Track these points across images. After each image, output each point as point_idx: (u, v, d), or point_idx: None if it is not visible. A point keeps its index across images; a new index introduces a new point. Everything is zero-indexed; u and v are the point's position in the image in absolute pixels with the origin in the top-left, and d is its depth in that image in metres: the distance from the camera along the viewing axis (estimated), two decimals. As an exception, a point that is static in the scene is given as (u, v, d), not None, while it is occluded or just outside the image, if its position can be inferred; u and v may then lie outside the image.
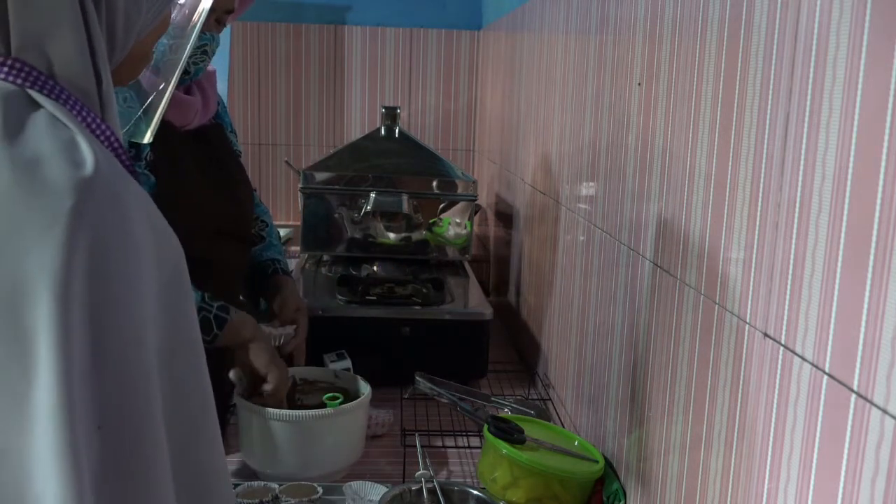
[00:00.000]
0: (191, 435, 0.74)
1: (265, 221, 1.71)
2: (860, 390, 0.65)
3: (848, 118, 0.68)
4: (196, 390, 0.75)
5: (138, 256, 0.66)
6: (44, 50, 0.68)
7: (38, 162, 0.62)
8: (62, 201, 0.61)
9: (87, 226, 0.61)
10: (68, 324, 0.59)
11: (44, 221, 0.60)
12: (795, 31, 0.77)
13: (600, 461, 1.30)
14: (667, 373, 1.08)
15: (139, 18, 0.74)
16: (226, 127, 1.61)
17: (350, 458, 1.41)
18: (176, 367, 0.71)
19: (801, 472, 0.74)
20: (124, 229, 0.65)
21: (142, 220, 0.68)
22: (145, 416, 0.66)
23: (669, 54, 1.10)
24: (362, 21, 3.35)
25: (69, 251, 0.60)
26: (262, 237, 1.69)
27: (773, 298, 0.80)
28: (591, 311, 1.48)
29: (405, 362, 1.70)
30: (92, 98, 0.70)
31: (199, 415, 0.76)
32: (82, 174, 0.62)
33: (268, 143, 3.36)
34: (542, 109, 1.95)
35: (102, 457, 0.62)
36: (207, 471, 0.77)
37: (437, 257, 2.18)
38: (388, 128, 2.28)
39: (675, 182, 1.06)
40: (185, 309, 0.74)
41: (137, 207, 0.68)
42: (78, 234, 0.61)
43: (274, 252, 1.68)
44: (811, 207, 0.73)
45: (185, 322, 0.74)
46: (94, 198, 0.63)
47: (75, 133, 0.65)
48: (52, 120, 0.65)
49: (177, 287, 0.72)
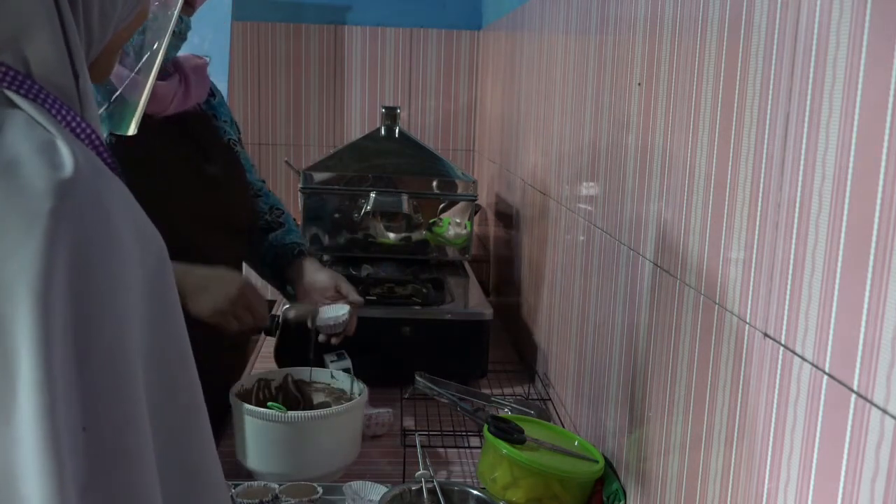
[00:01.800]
0: (180, 433, 0.73)
1: (280, 209, 1.71)
2: (860, 390, 0.65)
3: (848, 118, 0.68)
4: (185, 388, 0.75)
5: (122, 256, 0.65)
6: (20, 49, 0.67)
7: (16, 164, 0.62)
8: (41, 203, 0.60)
9: (68, 227, 0.61)
10: (50, 325, 0.59)
11: (23, 225, 0.59)
12: (795, 31, 0.77)
13: (600, 461, 1.30)
14: (667, 373, 1.08)
15: (115, 13, 0.74)
16: (219, 117, 1.61)
17: (346, 460, 1.40)
18: (163, 366, 0.71)
19: (801, 472, 0.74)
20: (107, 229, 0.64)
21: (125, 219, 0.67)
22: (131, 416, 0.65)
23: (669, 54, 1.10)
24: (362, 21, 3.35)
25: (49, 253, 0.59)
26: (281, 223, 1.70)
27: (773, 298, 0.80)
28: (591, 311, 1.48)
29: (405, 362, 1.70)
30: (71, 96, 0.69)
31: (188, 413, 0.75)
32: (61, 176, 0.62)
33: (268, 143, 3.36)
34: (542, 109, 1.95)
35: (88, 459, 0.61)
36: (198, 470, 0.76)
37: (437, 257, 2.18)
38: (388, 128, 2.28)
39: (675, 182, 1.06)
40: (170, 305, 0.73)
41: (120, 206, 0.67)
42: (58, 236, 0.60)
43: (294, 236, 1.69)
44: (811, 207, 0.73)
45: (172, 319, 0.73)
46: (75, 199, 0.62)
47: (54, 135, 0.64)
48: (30, 122, 0.65)
49: (161, 283, 0.72)
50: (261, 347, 2.03)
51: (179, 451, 0.73)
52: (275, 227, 1.69)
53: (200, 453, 0.77)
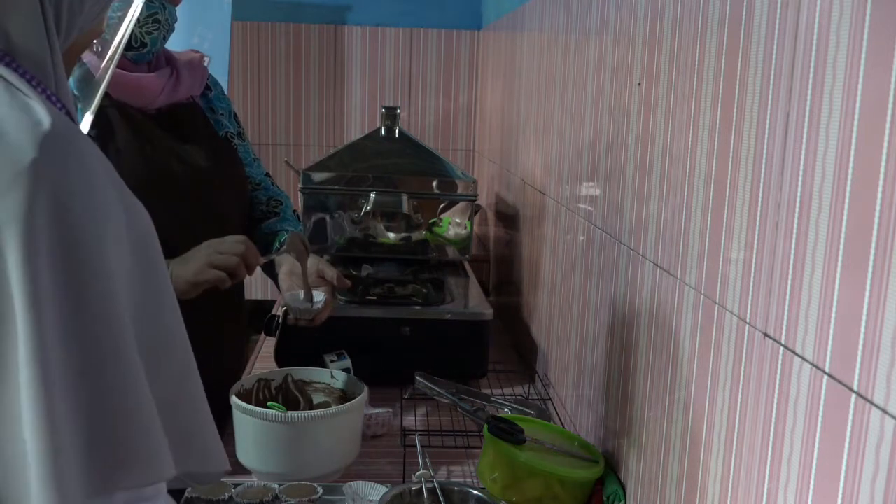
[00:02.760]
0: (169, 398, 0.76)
1: (279, 200, 1.71)
2: (860, 390, 0.65)
3: (848, 118, 0.68)
4: (178, 357, 0.78)
5: (105, 200, 0.69)
6: (2, 24, 0.71)
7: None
8: (23, 155, 0.64)
9: (49, 175, 0.65)
10: (36, 267, 0.63)
11: (6, 175, 0.64)
12: (795, 31, 0.77)
13: (600, 461, 1.30)
14: (667, 373, 1.08)
15: (82, 12, 0.78)
16: (216, 110, 1.61)
17: (345, 460, 1.40)
18: (155, 320, 0.75)
19: (801, 472, 0.74)
20: (87, 177, 0.68)
21: (105, 172, 0.71)
22: (121, 353, 0.69)
23: (669, 54, 1.10)
24: (362, 21, 3.35)
25: (33, 198, 0.63)
26: (276, 213, 1.70)
27: (773, 298, 0.80)
28: (591, 311, 1.48)
29: (405, 362, 1.70)
30: (47, 73, 0.74)
31: (177, 375, 0.78)
32: (41, 129, 0.66)
33: (268, 143, 3.36)
34: (542, 109, 1.95)
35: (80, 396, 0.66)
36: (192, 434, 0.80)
37: (437, 257, 2.18)
38: (388, 128, 2.28)
39: (675, 182, 1.06)
40: (158, 267, 0.77)
41: (99, 162, 0.71)
42: (41, 183, 0.64)
43: (288, 224, 1.68)
44: (811, 207, 0.73)
45: (160, 278, 0.77)
46: (55, 149, 0.66)
47: (30, 98, 0.69)
48: (8, 86, 0.69)
49: (148, 245, 0.75)
50: (261, 347, 2.03)
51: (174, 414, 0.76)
52: (270, 216, 1.69)
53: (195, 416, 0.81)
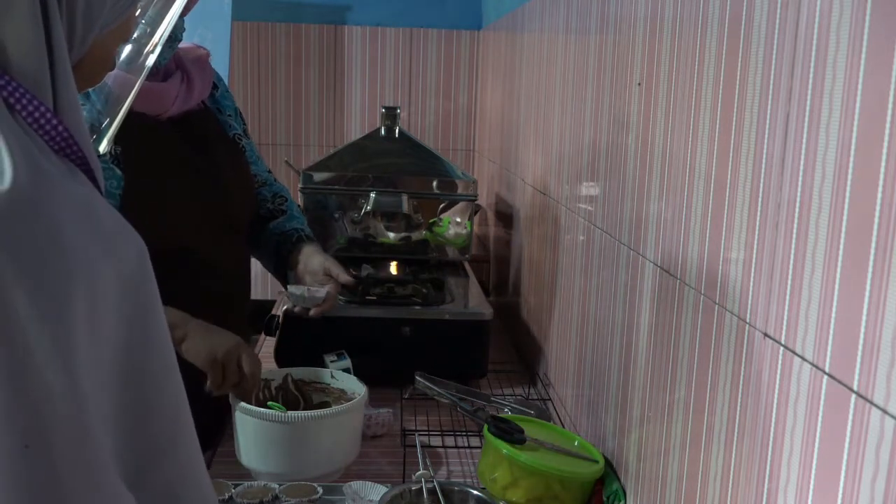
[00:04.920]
0: (156, 453, 0.70)
1: (283, 196, 1.72)
2: (860, 390, 0.65)
3: (848, 118, 0.68)
4: (168, 404, 0.72)
5: (67, 269, 0.62)
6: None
7: None
8: None
9: (4, 242, 0.57)
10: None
11: None
12: (795, 31, 0.77)
13: (600, 461, 1.30)
14: (667, 373, 1.08)
15: (102, 11, 0.71)
16: (224, 110, 1.61)
17: (346, 460, 1.40)
18: (141, 382, 0.68)
19: (801, 472, 0.74)
20: (47, 243, 0.61)
21: (79, 222, 0.64)
22: (74, 439, 0.61)
23: (669, 54, 1.10)
24: (362, 21, 3.35)
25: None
26: (283, 210, 1.71)
27: (773, 298, 0.80)
28: (591, 311, 1.48)
29: (405, 362, 1.70)
30: (44, 89, 0.66)
31: (166, 431, 0.71)
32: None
33: (268, 143, 3.36)
34: (542, 109, 1.95)
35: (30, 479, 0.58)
36: (182, 485, 0.73)
37: (437, 257, 2.19)
38: (388, 128, 2.28)
39: (675, 182, 1.06)
40: (150, 312, 0.70)
41: (71, 212, 0.64)
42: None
43: (296, 223, 1.69)
44: (811, 207, 0.73)
45: (151, 331, 0.70)
46: (10, 214, 0.59)
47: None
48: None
49: (139, 288, 0.68)
50: (261, 347, 2.03)
51: (158, 470, 0.70)
52: (277, 214, 1.70)
53: (185, 468, 0.74)
